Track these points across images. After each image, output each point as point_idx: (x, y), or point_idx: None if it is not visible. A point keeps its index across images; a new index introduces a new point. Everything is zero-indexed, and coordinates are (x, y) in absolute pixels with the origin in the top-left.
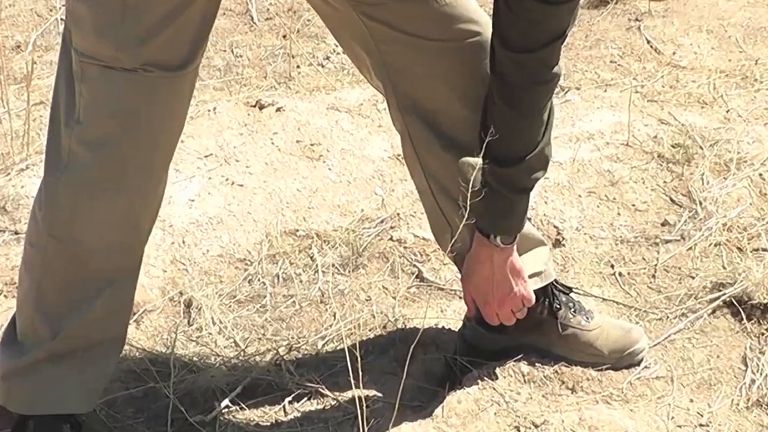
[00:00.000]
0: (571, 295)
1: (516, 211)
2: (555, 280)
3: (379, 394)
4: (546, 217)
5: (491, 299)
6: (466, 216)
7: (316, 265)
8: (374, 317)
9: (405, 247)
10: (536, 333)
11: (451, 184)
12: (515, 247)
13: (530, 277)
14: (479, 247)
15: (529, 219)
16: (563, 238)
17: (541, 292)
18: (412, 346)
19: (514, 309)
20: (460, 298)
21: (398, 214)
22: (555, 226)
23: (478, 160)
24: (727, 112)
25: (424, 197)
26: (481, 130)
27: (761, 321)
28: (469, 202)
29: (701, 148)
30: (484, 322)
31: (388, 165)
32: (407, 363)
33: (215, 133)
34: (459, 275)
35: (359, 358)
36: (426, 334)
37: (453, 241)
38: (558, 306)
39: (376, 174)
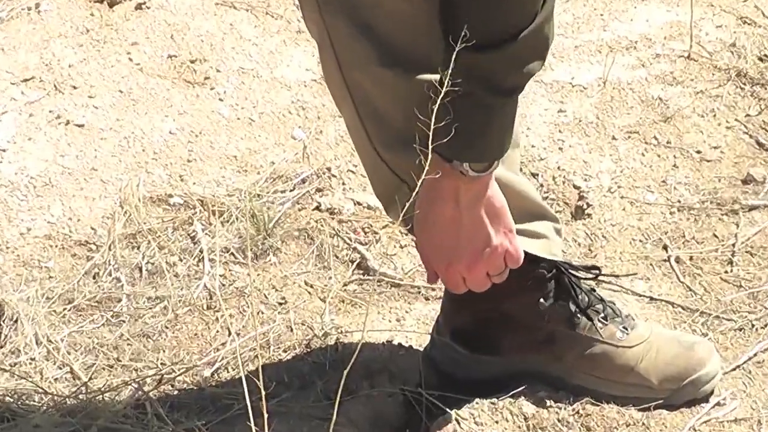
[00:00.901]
0: (598, 291)
1: (497, 123)
2: (571, 264)
3: None
4: (561, 172)
5: (455, 257)
6: (427, 164)
7: (201, 250)
8: (291, 330)
9: (340, 221)
10: (545, 352)
11: (396, 115)
12: (493, 176)
13: (521, 234)
14: (437, 179)
15: (536, 177)
16: (588, 205)
17: (547, 283)
18: (346, 372)
19: (491, 271)
20: (427, 299)
21: (329, 169)
22: (575, 187)
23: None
24: None
25: (358, 139)
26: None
27: None
28: (432, 143)
29: None
30: (462, 336)
31: (313, 92)
32: (338, 401)
33: (39, 44)
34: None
35: (265, 395)
36: (373, 355)
37: (408, 203)
38: (578, 308)
39: (295, 106)
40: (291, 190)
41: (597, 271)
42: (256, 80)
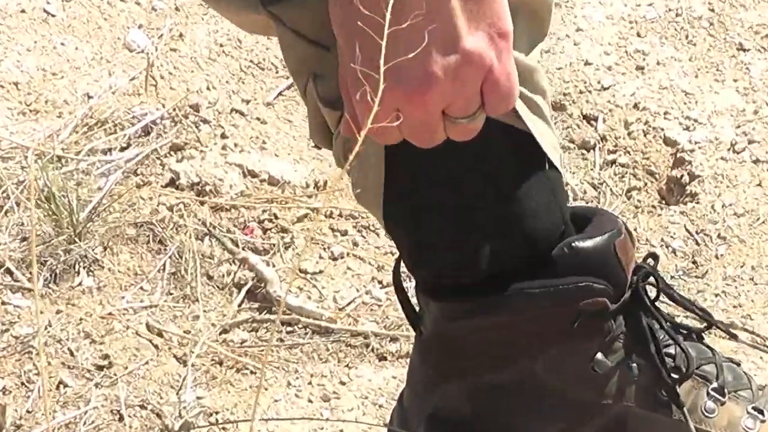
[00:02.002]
0: (707, 340)
1: None
2: (657, 272)
3: None
4: (642, 113)
5: (389, 69)
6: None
7: None
8: (120, 419)
9: (217, 208)
10: None
11: None
12: None
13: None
14: None
15: (591, 122)
16: (692, 176)
17: (607, 323)
18: None
19: (454, 107)
20: (382, 357)
21: (195, 107)
22: (669, 141)
23: None
24: None
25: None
26: None
27: None
28: None
29: None
30: (448, 428)
31: None
32: None
33: None
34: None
35: None
36: None
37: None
38: (668, 372)
39: None
40: (122, 149)
41: (707, 321)
42: None
